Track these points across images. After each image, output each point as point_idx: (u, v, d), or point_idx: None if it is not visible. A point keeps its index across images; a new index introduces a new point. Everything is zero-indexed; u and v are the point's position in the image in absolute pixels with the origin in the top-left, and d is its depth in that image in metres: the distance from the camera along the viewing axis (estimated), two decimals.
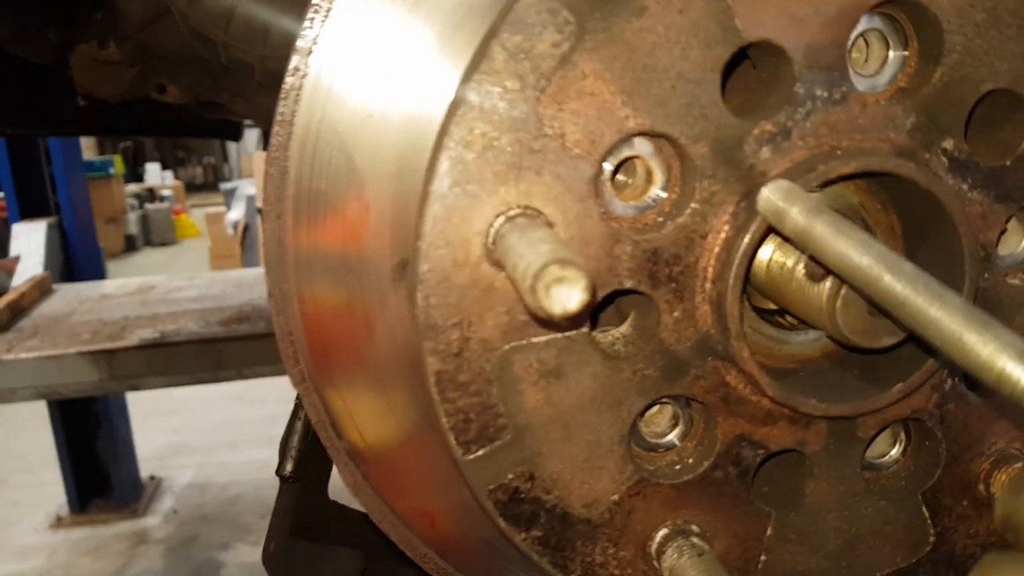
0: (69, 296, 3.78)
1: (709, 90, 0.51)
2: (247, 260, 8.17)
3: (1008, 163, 0.56)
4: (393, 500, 0.67)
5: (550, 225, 0.51)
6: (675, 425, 0.60)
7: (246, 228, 8.17)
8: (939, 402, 0.60)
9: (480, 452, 0.54)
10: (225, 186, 11.62)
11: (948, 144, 0.55)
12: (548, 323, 0.51)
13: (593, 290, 0.41)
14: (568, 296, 0.40)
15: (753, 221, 0.52)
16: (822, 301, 0.52)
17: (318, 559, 1.05)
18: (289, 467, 1.00)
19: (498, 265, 0.51)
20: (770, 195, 0.50)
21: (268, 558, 1.03)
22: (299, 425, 1.01)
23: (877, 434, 0.59)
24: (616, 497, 0.57)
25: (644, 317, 0.55)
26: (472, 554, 0.69)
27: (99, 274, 4.45)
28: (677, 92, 0.50)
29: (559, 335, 0.53)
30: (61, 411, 4.20)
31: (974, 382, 0.59)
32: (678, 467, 0.59)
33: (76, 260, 4.16)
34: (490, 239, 0.51)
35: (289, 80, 0.57)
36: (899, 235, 0.59)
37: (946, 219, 0.54)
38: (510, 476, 0.55)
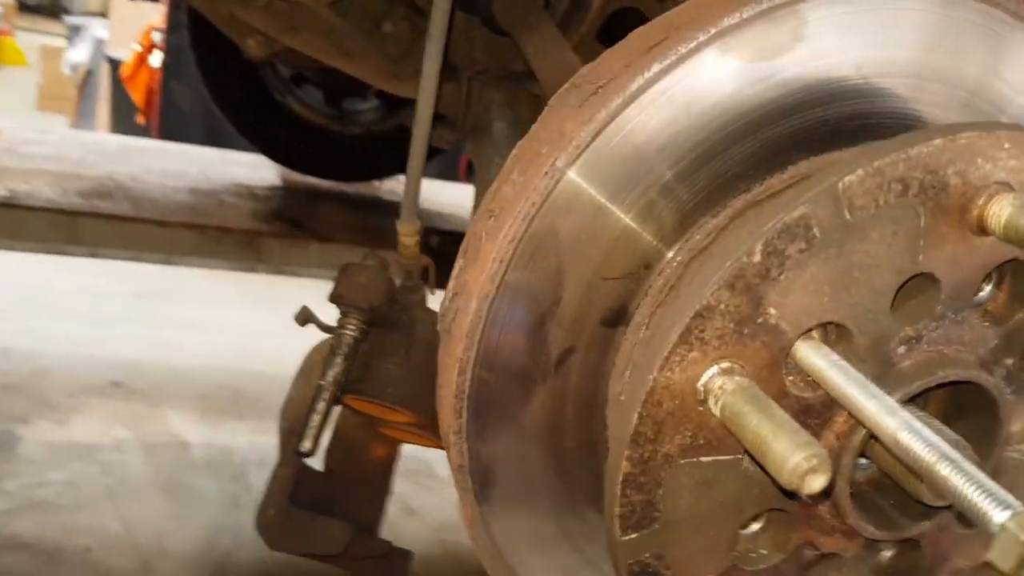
0: None
1: (885, 301, 0.65)
2: (83, 109, 7.34)
3: None
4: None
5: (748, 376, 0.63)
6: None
7: (88, 73, 7.33)
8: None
9: (633, 536, 0.67)
10: (71, 20, 10.07)
11: (1010, 362, 0.73)
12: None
13: (832, 476, 0.55)
14: (816, 481, 0.54)
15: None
16: None
17: (311, 528, 1.12)
18: (309, 444, 1.05)
19: (702, 403, 0.63)
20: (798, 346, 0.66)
21: (266, 523, 1.08)
22: (322, 406, 1.06)
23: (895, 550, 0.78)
24: None
25: None
26: None
27: None
28: (865, 298, 0.64)
29: (723, 458, 0.66)
30: None
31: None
32: (754, 555, 0.74)
33: None
34: (701, 382, 0.63)
35: (533, 197, 0.65)
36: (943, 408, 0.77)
37: (995, 414, 0.72)
38: (647, 555, 0.68)
